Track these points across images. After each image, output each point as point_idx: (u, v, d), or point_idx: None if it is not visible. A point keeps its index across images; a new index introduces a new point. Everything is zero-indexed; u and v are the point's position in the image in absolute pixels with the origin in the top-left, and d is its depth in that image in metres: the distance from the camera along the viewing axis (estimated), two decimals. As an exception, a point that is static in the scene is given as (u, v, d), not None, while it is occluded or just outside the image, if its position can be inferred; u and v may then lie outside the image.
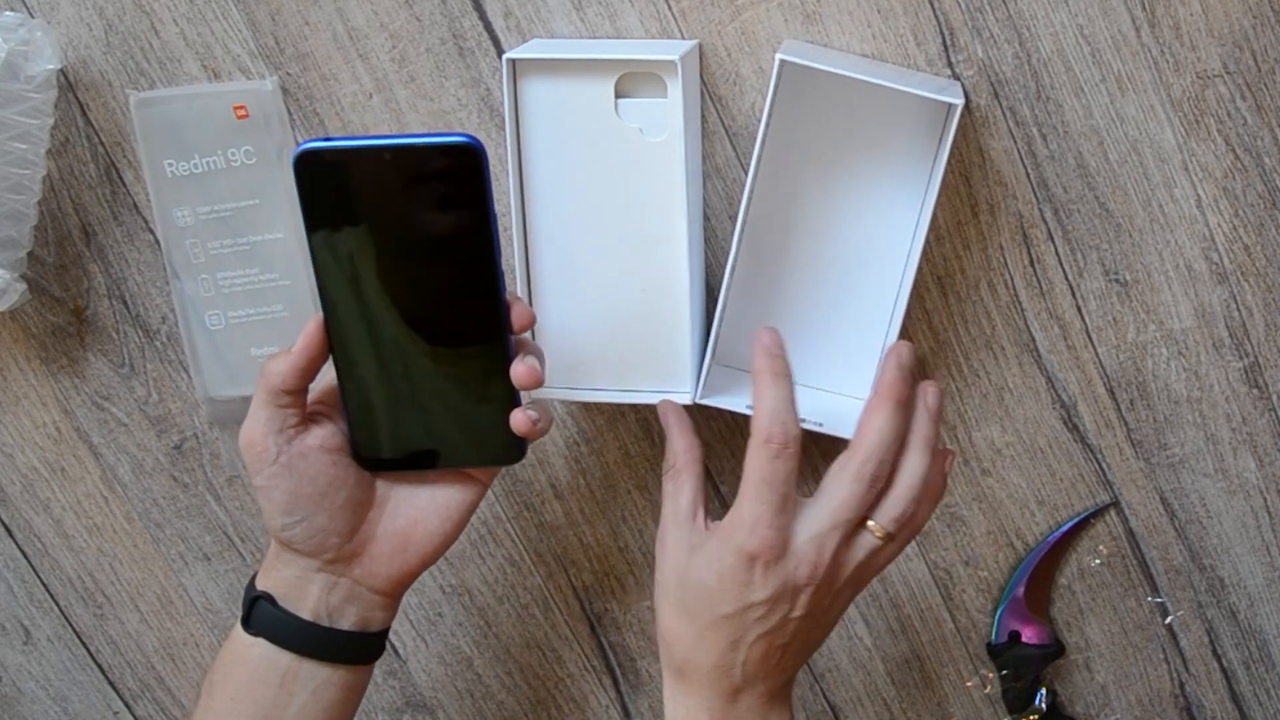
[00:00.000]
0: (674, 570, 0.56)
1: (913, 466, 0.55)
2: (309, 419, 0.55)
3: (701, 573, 0.54)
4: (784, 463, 0.53)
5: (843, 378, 0.68)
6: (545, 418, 0.56)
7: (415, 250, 0.52)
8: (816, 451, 0.69)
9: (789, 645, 0.55)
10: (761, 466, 0.53)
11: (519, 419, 0.55)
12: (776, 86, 0.58)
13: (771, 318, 0.67)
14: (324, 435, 0.55)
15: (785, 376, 0.55)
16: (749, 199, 0.61)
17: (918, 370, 0.67)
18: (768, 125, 0.59)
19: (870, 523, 0.54)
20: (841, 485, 0.54)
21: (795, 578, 0.53)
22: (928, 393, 0.57)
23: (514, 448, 0.57)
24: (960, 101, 0.58)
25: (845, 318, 0.67)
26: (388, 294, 0.53)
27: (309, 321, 0.53)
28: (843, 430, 0.64)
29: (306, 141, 0.50)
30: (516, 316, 0.54)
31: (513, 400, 0.55)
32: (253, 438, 0.53)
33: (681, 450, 0.58)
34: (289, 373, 0.53)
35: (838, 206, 0.65)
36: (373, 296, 0.52)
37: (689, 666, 0.55)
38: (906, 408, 0.55)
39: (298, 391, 0.53)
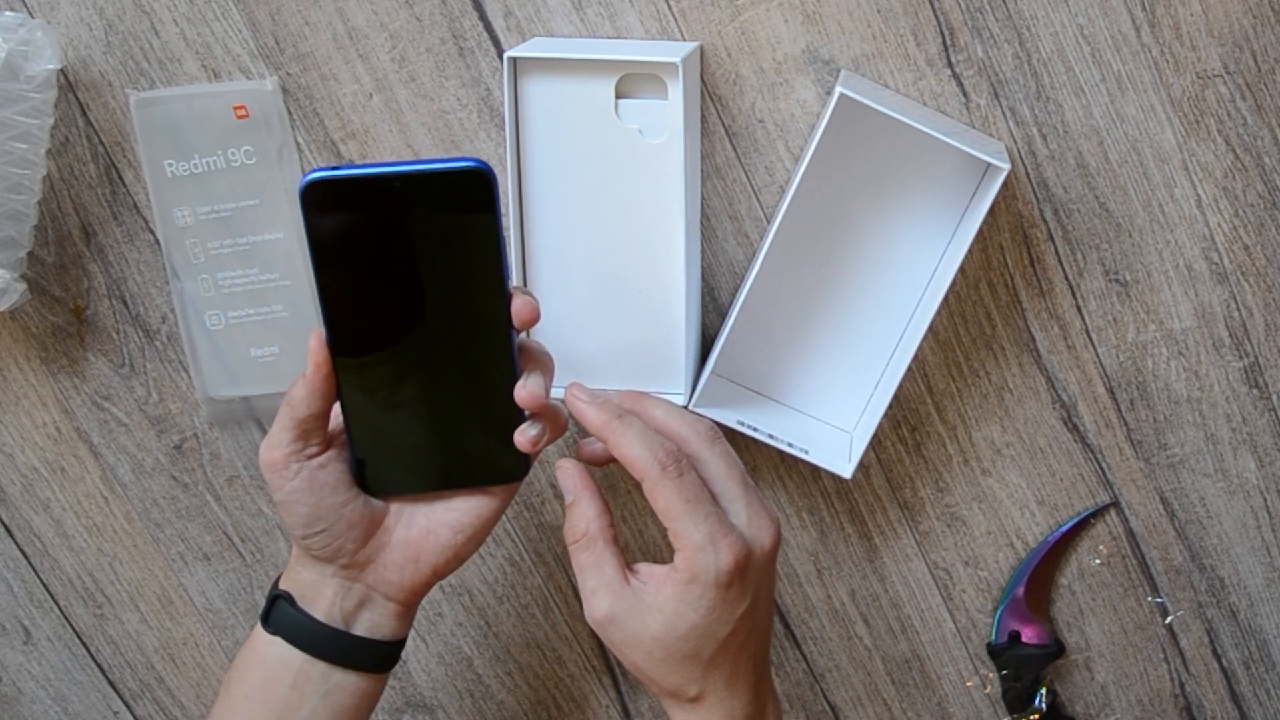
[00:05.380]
0: (645, 636, 0.53)
1: (670, 413, 0.58)
2: (330, 440, 0.55)
3: (688, 619, 0.53)
4: (688, 476, 0.53)
5: (831, 407, 0.68)
6: (556, 426, 0.56)
7: (422, 276, 0.51)
8: (803, 475, 0.69)
9: (772, 604, 0.57)
10: (677, 492, 0.52)
11: (520, 440, 0.55)
12: (830, 119, 0.58)
13: (776, 338, 0.67)
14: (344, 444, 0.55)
15: (626, 414, 0.55)
16: (780, 224, 0.60)
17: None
18: (814, 154, 0.59)
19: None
20: (714, 460, 0.55)
21: (765, 549, 0.54)
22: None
23: (516, 466, 0.56)
24: (1006, 166, 0.58)
25: (847, 350, 0.67)
26: (393, 321, 0.52)
27: (310, 339, 0.52)
28: (825, 461, 0.64)
29: (313, 171, 0.49)
30: (517, 310, 0.52)
31: (515, 419, 0.55)
32: (274, 459, 0.53)
33: (594, 515, 0.55)
34: (310, 397, 0.52)
35: (859, 241, 0.65)
36: (378, 324, 0.52)
37: (706, 691, 0.55)
38: (625, 415, 0.56)
39: (321, 414, 0.53)
